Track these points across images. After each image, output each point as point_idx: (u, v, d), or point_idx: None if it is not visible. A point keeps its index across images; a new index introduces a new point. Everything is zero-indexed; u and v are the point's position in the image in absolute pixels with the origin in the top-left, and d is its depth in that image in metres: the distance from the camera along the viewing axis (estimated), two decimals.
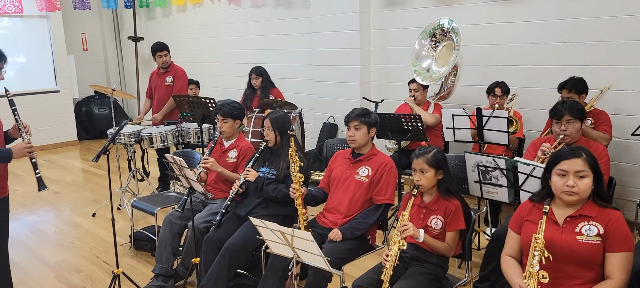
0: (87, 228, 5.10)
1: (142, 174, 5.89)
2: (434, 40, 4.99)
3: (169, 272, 3.70)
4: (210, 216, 3.67)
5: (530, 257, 2.15)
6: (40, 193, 3.33)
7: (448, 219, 2.76)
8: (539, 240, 2.14)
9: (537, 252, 2.13)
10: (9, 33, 8.70)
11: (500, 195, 3.24)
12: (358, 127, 3.26)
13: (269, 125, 3.54)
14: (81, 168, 7.55)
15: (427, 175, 2.76)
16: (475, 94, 5.21)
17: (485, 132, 4.17)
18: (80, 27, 9.84)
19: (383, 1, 5.89)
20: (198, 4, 8.31)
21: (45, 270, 4.18)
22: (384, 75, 6.04)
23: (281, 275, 3.06)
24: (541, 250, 2.13)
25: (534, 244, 2.15)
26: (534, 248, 2.14)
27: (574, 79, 4.11)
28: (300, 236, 2.43)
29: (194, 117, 4.97)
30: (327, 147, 4.88)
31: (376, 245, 3.37)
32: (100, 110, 9.64)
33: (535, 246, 2.14)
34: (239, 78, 7.16)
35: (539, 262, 2.13)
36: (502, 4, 5.02)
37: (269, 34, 7.31)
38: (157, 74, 5.93)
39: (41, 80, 8.98)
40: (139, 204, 4.33)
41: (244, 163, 3.74)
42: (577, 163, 2.22)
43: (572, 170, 2.23)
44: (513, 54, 5.02)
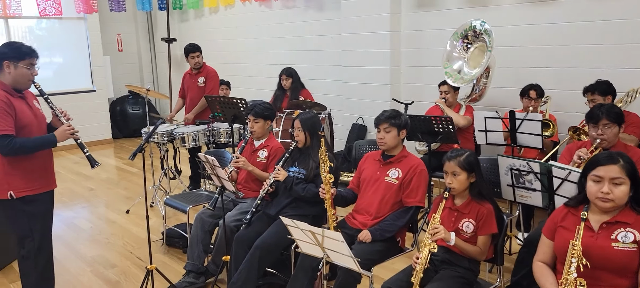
0: (121, 225, 5.22)
1: (174, 173, 6.00)
2: (466, 41, 4.94)
3: (200, 269, 3.77)
4: (240, 215, 3.71)
5: (567, 264, 2.11)
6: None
7: (480, 223, 2.73)
8: (577, 247, 2.09)
9: (574, 259, 2.09)
10: (47, 34, 8.99)
11: (534, 200, 3.18)
12: (388, 129, 3.25)
13: (299, 125, 3.57)
14: (115, 166, 7.74)
15: (459, 178, 2.74)
16: (508, 96, 5.14)
17: (519, 135, 4.10)
18: (116, 29, 10.08)
19: (414, 3, 5.86)
20: (230, 6, 8.41)
21: (82, 265, 4.31)
22: (415, 77, 6.00)
23: (310, 275, 3.08)
24: (579, 257, 2.08)
25: (572, 251, 2.10)
26: (571, 254, 2.10)
27: (598, 82, 4.06)
28: (330, 236, 2.44)
29: (225, 117, 5.04)
30: (356, 148, 4.89)
31: (406, 248, 3.36)
32: (134, 110, 9.86)
33: (573, 253, 2.10)
34: (269, 79, 7.22)
35: (577, 269, 2.09)
36: (535, 6, 4.93)
37: (299, 35, 7.35)
38: (189, 75, 6.04)
39: (78, 80, 9.25)
40: (171, 202, 4.41)
41: (273, 162, 3.78)
42: (613, 169, 2.17)
43: (607, 176, 2.18)
44: (546, 56, 4.93)
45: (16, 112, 2.98)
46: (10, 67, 2.99)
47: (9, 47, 3.03)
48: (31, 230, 3.13)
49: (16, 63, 3.00)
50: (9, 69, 3.00)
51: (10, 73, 3.00)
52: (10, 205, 3.07)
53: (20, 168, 3.04)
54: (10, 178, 3.02)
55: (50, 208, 3.27)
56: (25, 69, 3.03)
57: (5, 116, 2.91)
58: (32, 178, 3.09)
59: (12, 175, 3.02)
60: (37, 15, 8.54)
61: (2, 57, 3.00)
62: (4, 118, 2.91)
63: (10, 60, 2.99)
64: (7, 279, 4.06)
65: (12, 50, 3.01)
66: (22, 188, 3.05)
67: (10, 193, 3.02)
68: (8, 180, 3.01)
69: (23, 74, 3.03)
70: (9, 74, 3.00)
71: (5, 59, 2.99)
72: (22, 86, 3.08)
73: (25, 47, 3.05)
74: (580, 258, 2.09)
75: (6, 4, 8.20)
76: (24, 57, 3.02)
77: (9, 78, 3.01)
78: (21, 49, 3.03)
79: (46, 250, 3.25)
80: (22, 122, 3.00)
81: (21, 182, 3.04)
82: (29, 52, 3.06)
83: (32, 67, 3.08)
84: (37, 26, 8.88)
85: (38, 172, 3.13)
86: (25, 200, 3.07)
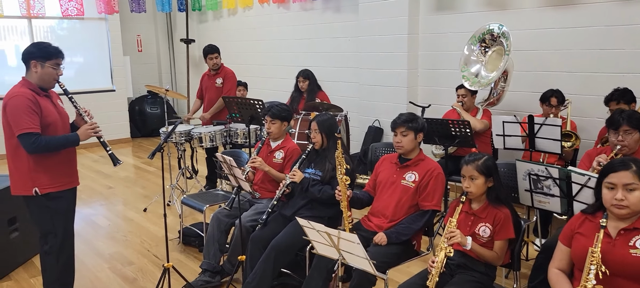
0: (139, 223, 5.29)
1: (191, 172, 6.05)
2: (483, 45, 4.91)
3: (216, 268, 3.80)
4: (256, 215, 3.74)
5: (586, 271, 2.08)
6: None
7: (497, 227, 2.71)
8: (596, 254, 2.07)
9: (593, 266, 2.06)
10: (69, 34, 9.14)
11: (552, 205, 3.15)
12: (405, 133, 3.24)
13: (315, 127, 3.58)
14: (133, 165, 7.84)
15: (477, 182, 2.72)
16: (526, 100, 5.09)
17: (537, 140, 4.06)
18: (136, 30, 10.21)
19: (432, 5, 5.83)
20: (248, 7, 8.47)
21: (100, 261, 4.37)
22: (432, 80, 5.98)
23: (325, 276, 3.09)
24: (598, 264, 2.06)
25: (591, 258, 2.08)
26: (590, 262, 2.08)
27: (619, 90, 4.04)
28: (346, 238, 2.44)
29: (242, 118, 5.07)
30: (372, 150, 4.88)
31: (421, 251, 3.35)
32: (152, 110, 9.97)
33: (592, 260, 2.07)
34: (286, 80, 7.25)
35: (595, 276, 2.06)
36: (556, 10, 4.88)
37: (316, 37, 7.37)
38: (208, 76, 6.10)
39: (98, 79, 9.39)
40: (188, 201, 4.45)
41: (290, 164, 3.79)
42: (625, 176, 2.15)
43: (620, 183, 2.15)
44: (567, 61, 4.87)
45: (42, 110, 3.04)
46: (38, 67, 3.06)
47: (36, 47, 3.10)
48: (54, 226, 3.19)
49: (43, 63, 3.06)
50: (36, 68, 3.06)
51: (37, 72, 3.07)
52: (35, 202, 3.13)
53: (45, 166, 3.10)
54: (35, 175, 3.08)
55: (73, 205, 3.33)
56: (51, 69, 3.09)
57: (32, 114, 2.98)
58: (56, 175, 3.15)
59: (37, 172, 3.08)
60: (60, 15, 8.69)
61: (30, 57, 3.07)
62: (30, 116, 2.97)
63: (38, 60, 3.06)
64: (28, 274, 4.14)
65: (40, 50, 3.08)
66: (47, 185, 3.11)
67: (35, 189, 3.08)
68: (33, 177, 3.08)
69: (49, 73, 3.10)
70: (36, 73, 3.07)
71: (33, 59, 3.06)
72: (47, 85, 3.15)
73: (52, 48, 3.12)
74: (599, 266, 2.06)
75: (30, 4, 8.36)
76: (51, 57, 3.09)
77: (36, 77, 3.08)
78: (48, 49, 3.10)
79: (68, 247, 3.32)
80: (47, 121, 3.07)
81: (46, 179, 3.10)
82: (56, 52, 3.12)
83: (58, 67, 3.14)
84: (58, 26, 9.03)
85: (62, 169, 3.19)
86: (49, 196, 3.13)
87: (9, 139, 3.08)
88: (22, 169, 3.08)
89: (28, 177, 3.07)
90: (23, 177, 3.08)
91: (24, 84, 3.08)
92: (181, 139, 5.51)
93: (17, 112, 2.96)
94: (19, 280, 4.03)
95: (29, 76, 3.09)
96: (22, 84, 3.08)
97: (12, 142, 3.07)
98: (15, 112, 2.96)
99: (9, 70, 8.54)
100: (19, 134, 2.97)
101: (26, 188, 3.09)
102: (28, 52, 3.08)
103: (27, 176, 3.07)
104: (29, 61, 3.07)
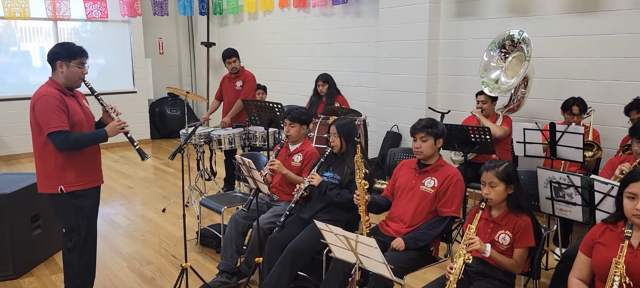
0: (157, 223, 5.34)
1: (210, 174, 6.10)
2: (503, 51, 4.87)
3: (233, 269, 3.82)
4: (274, 217, 3.75)
5: (609, 282, 2.05)
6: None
7: (517, 235, 2.69)
8: (620, 265, 2.04)
9: (617, 277, 2.03)
10: (92, 36, 9.31)
11: (574, 214, 3.10)
12: (424, 138, 3.22)
13: (334, 131, 3.58)
14: (152, 166, 7.94)
15: (497, 189, 2.70)
16: (548, 108, 5.03)
17: (559, 147, 4.01)
18: (158, 32, 10.35)
19: (453, 11, 5.81)
20: (268, 11, 8.52)
21: (119, 260, 4.43)
22: (452, 86, 5.95)
23: (342, 280, 3.08)
24: (622, 275, 2.02)
25: (614, 269, 2.05)
26: (614, 273, 2.05)
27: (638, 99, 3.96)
28: (364, 242, 2.44)
29: (261, 121, 5.10)
30: (391, 156, 4.87)
31: (439, 257, 3.33)
32: (172, 111, 10.09)
33: (616, 271, 2.04)
34: (305, 84, 7.28)
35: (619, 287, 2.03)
36: (579, 16, 4.82)
37: (336, 41, 7.39)
38: (228, 78, 6.15)
39: (120, 81, 9.53)
40: (206, 202, 4.49)
41: (308, 167, 3.80)
42: None
43: None
44: (589, 68, 4.80)
45: (68, 109, 3.09)
46: (63, 66, 3.12)
47: (61, 47, 3.16)
48: (78, 224, 3.24)
49: (68, 62, 3.12)
50: (61, 68, 3.12)
51: (63, 72, 3.13)
52: (60, 199, 3.18)
53: (71, 164, 3.15)
54: (61, 173, 3.13)
55: (97, 203, 3.37)
56: (76, 68, 3.15)
57: (60, 113, 3.03)
58: (82, 173, 3.20)
59: (63, 170, 3.13)
60: (84, 17, 8.85)
61: (55, 57, 3.13)
62: (58, 115, 3.03)
63: (63, 60, 3.11)
64: (49, 270, 4.21)
65: (65, 50, 3.14)
66: (72, 183, 3.15)
67: (61, 187, 3.12)
68: (59, 175, 3.12)
69: (75, 72, 3.15)
70: (62, 73, 3.13)
71: (59, 59, 3.12)
72: (74, 84, 3.21)
73: (76, 47, 3.17)
74: (624, 277, 2.03)
75: (56, 6, 8.53)
76: (75, 56, 3.15)
77: (62, 77, 3.14)
78: (72, 48, 3.16)
79: (91, 244, 3.36)
80: (73, 119, 3.12)
81: (71, 177, 3.15)
82: (80, 51, 3.18)
83: (83, 66, 3.20)
84: (82, 28, 9.20)
85: (87, 167, 3.24)
86: (75, 194, 3.18)
87: (36, 137, 3.13)
88: (49, 167, 3.13)
89: (54, 175, 3.12)
90: (49, 175, 3.13)
91: (51, 83, 3.14)
92: (200, 140, 5.57)
93: (45, 111, 3.02)
94: (40, 277, 4.10)
95: (56, 76, 3.16)
96: (49, 83, 3.15)
97: (40, 141, 3.11)
98: (43, 111, 3.02)
99: (34, 71, 8.73)
100: (49, 132, 3.02)
101: (52, 186, 3.14)
102: (53, 52, 3.14)
103: (54, 174, 3.12)
104: (54, 61, 3.13)
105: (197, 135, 5.49)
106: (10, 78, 8.52)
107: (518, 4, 5.25)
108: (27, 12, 8.24)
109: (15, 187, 4.03)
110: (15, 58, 8.61)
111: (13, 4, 8.12)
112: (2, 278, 4.00)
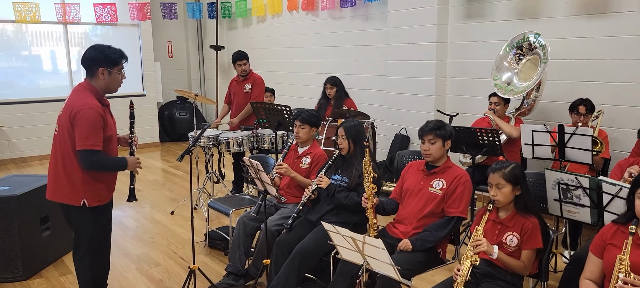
0: (166, 225, 5.37)
1: (218, 176, 6.12)
2: (519, 53, 4.85)
3: (241, 271, 3.83)
4: (282, 219, 3.76)
5: (614, 279, 2.04)
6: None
7: (524, 237, 2.67)
8: (624, 262, 2.03)
9: (621, 274, 2.02)
10: (102, 40, 9.37)
11: (582, 216, 3.08)
12: (433, 140, 3.22)
13: (343, 133, 3.59)
14: (161, 169, 7.97)
15: (504, 191, 2.69)
16: (557, 110, 5.00)
17: (567, 149, 3.98)
18: (167, 36, 10.42)
19: (462, 13, 5.80)
20: (277, 15, 8.55)
21: (128, 262, 4.45)
22: (460, 89, 5.93)
23: (349, 282, 3.08)
24: (626, 272, 2.01)
25: (619, 265, 2.04)
26: (618, 269, 2.04)
27: None
28: (371, 243, 2.44)
29: (270, 124, 5.12)
30: (399, 158, 4.86)
31: (446, 259, 3.32)
32: (181, 115, 10.14)
33: (620, 267, 2.03)
34: (313, 87, 7.29)
35: None
36: (588, 18, 4.79)
37: (344, 44, 7.40)
38: (236, 81, 6.17)
39: (129, 84, 9.50)
40: (215, 205, 4.51)
41: (316, 169, 3.81)
42: None
43: None
44: (601, 70, 4.77)
45: (106, 124, 2.97)
46: (105, 74, 2.99)
47: (101, 52, 2.99)
48: (95, 235, 3.18)
49: (111, 69, 3.00)
50: (103, 75, 2.98)
51: (104, 79, 2.99)
52: (81, 212, 3.06)
53: (100, 179, 3.06)
54: (87, 187, 3.01)
55: (111, 215, 3.33)
56: (117, 75, 3.05)
57: (99, 131, 2.90)
58: (105, 189, 3.13)
59: (89, 184, 3.01)
60: (94, 21, 8.93)
61: (97, 63, 2.97)
62: (97, 133, 2.89)
63: (105, 67, 2.98)
64: (58, 272, 4.24)
65: (105, 56, 2.99)
66: (95, 199, 3.06)
67: (84, 201, 3.01)
68: (85, 189, 3.01)
69: (116, 80, 3.05)
70: (103, 80, 2.99)
71: (101, 66, 2.97)
72: (112, 92, 3.08)
73: (117, 53, 3.03)
74: (628, 274, 2.02)
75: (66, 10, 8.62)
76: (118, 63, 3.03)
77: (103, 84, 3.01)
78: (114, 55, 3.01)
79: (104, 253, 3.33)
80: (107, 133, 3.00)
81: (95, 193, 3.05)
82: (121, 56, 3.05)
83: (122, 72, 3.10)
84: (92, 32, 9.28)
85: (109, 184, 3.18)
86: (96, 210, 3.10)
87: (66, 145, 2.96)
88: (75, 179, 2.99)
89: (80, 188, 2.99)
90: (74, 187, 3.00)
91: (91, 90, 2.98)
92: (209, 143, 5.59)
93: (88, 126, 2.86)
94: (49, 278, 4.13)
95: (96, 82, 3.00)
96: (89, 90, 2.98)
97: (69, 150, 2.95)
98: (85, 125, 2.86)
99: (45, 75, 8.82)
100: (82, 149, 2.87)
101: (75, 199, 3.01)
102: (94, 58, 2.97)
103: (80, 188, 2.99)
104: (94, 67, 2.97)
105: (206, 137, 5.52)
106: (21, 82, 8.61)
107: (527, 6, 5.23)
108: (37, 16, 8.33)
109: (25, 189, 4.07)
110: (26, 62, 8.70)
111: (24, 8, 8.22)
112: (12, 279, 4.03)
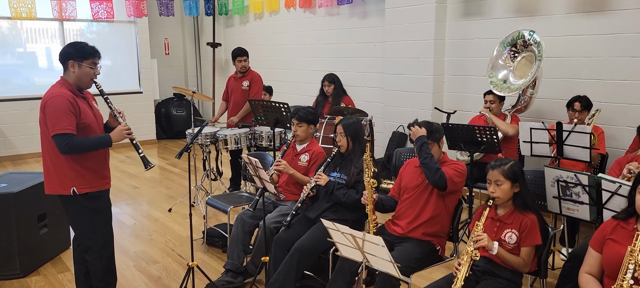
0: (164, 223, 5.36)
1: (216, 174, 6.11)
2: (513, 50, 4.85)
3: (239, 268, 3.83)
4: (280, 217, 3.75)
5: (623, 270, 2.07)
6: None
7: (523, 234, 2.68)
8: (635, 253, 2.04)
9: (631, 265, 2.04)
10: (97, 37, 9.33)
11: (581, 213, 3.09)
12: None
13: (341, 131, 3.58)
14: (158, 166, 7.96)
15: (503, 188, 2.69)
16: (555, 107, 5.01)
17: (565, 147, 3.99)
18: (164, 33, 10.38)
19: (460, 11, 5.80)
20: (274, 12, 8.54)
21: (126, 259, 4.44)
22: (458, 86, 5.93)
23: (349, 279, 3.09)
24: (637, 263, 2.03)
25: (629, 257, 2.06)
26: (628, 260, 2.06)
27: None
28: (371, 240, 2.43)
29: (268, 121, 5.11)
30: (397, 156, 4.86)
31: (445, 257, 3.32)
32: (178, 112, 10.12)
33: (630, 259, 2.05)
34: (311, 85, 7.28)
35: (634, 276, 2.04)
36: (587, 16, 4.80)
37: (342, 42, 7.39)
38: (234, 78, 6.16)
39: (126, 81, 9.56)
40: (213, 202, 4.50)
41: (315, 167, 3.80)
42: None
43: None
44: (598, 68, 4.78)
45: (80, 111, 3.04)
46: (75, 66, 3.06)
47: (73, 47, 3.08)
48: (94, 226, 3.18)
49: (80, 62, 3.07)
50: (73, 68, 3.07)
51: (75, 72, 3.07)
52: (73, 201, 3.10)
53: (83, 166, 3.08)
54: (74, 174, 3.05)
55: (109, 204, 3.33)
56: (88, 68, 3.10)
57: (69, 115, 2.97)
58: (94, 176, 3.14)
59: (75, 171, 3.06)
60: (90, 18, 8.89)
61: (67, 57, 3.06)
62: (67, 117, 2.96)
63: (75, 60, 3.06)
64: (56, 269, 4.23)
65: (77, 50, 3.08)
66: (84, 185, 3.09)
67: (73, 189, 3.05)
68: (71, 177, 3.05)
69: (87, 73, 3.10)
70: (73, 73, 3.07)
71: (71, 59, 3.05)
72: (85, 85, 3.14)
73: (88, 47, 3.12)
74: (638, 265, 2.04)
75: (62, 7, 8.58)
76: (87, 56, 3.10)
77: (73, 77, 3.08)
78: (85, 48, 3.10)
79: (110, 244, 3.33)
80: (84, 122, 3.05)
81: (83, 179, 3.08)
82: (92, 51, 3.13)
83: (95, 66, 3.15)
84: (88, 29, 9.24)
85: (98, 170, 3.18)
86: (88, 196, 3.11)
87: (47, 137, 3.05)
88: (62, 168, 3.05)
89: (67, 176, 3.04)
90: (62, 176, 3.05)
91: (63, 84, 3.07)
92: (206, 140, 5.58)
93: (56, 112, 2.95)
94: (47, 276, 4.12)
95: (67, 76, 3.10)
96: (61, 84, 3.07)
97: (50, 140, 3.02)
98: (54, 112, 2.95)
99: (40, 72, 8.78)
100: (54, 134, 2.95)
101: (64, 188, 3.06)
102: (65, 52, 3.07)
103: (66, 175, 3.04)
104: (66, 61, 3.08)
105: (203, 135, 5.51)
106: (16, 79, 8.57)
107: (525, 4, 5.23)
108: (33, 12, 8.28)
109: (22, 186, 4.05)
110: (21, 59, 8.66)
111: (19, 5, 8.17)
112: (9, 277, 4.02)
